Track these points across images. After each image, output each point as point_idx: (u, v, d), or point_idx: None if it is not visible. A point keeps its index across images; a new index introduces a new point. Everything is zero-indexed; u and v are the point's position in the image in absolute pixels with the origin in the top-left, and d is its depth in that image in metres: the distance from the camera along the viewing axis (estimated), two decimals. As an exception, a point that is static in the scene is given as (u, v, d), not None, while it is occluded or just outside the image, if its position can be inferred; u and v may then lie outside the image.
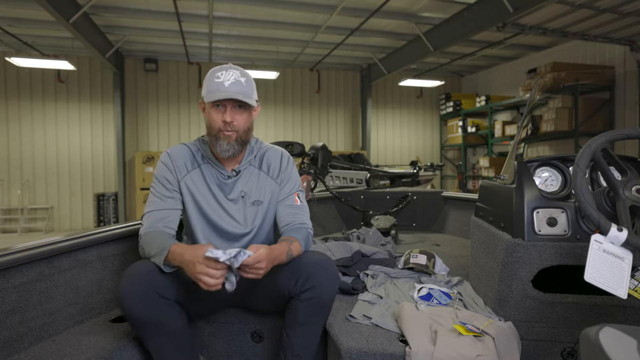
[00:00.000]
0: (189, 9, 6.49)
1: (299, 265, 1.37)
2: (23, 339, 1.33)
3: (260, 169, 1.56)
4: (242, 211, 1.50)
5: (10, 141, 8.60)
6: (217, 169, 1.50)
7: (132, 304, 1.24)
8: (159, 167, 1.48)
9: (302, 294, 1.34)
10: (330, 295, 1.38)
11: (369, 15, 6.64)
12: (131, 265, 1.32)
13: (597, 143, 1.13)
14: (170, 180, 1.47)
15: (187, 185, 1.47)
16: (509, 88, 9.84)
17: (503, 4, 5.62)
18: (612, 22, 6.91)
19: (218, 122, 1.41)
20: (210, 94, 1.39)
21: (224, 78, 1.39)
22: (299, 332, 1.38)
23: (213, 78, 1.40)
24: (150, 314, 1.26)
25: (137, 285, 1.25)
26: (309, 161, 3.27)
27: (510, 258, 1.42)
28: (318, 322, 1.41)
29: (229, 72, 1.40)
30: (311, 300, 1.34)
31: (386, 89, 11.12)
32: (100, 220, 8.88)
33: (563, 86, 7.37)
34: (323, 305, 1.38)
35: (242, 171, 1.52)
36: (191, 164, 1.50)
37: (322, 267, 1.37)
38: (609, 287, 1.03)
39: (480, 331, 1.32)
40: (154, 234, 1.38)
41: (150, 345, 1.33)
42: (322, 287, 1.34)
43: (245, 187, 1.51)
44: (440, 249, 2.70)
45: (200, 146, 1.53)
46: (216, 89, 1.38)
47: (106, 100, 9.06)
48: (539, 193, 1.43)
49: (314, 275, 1.34)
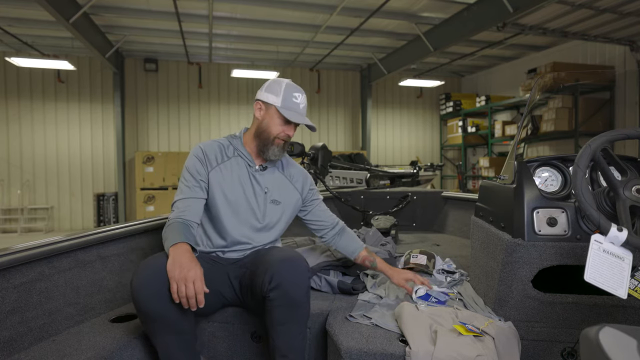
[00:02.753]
0: (189, 9, 6.49)
1: (265, 263, 1.40)
2: (23, 339, 1.33)
3: (283, 173, 1.72)
4: (263, 206, 1.62)
5: (10, 141, 8.60)
6: (247, 161, 1.63)
7: (144, 297, 1.26)
8: (191, 158, 1.59)
9: (270, 292, 1.34)
10: (299, 293, 1.36)
11: (369, 15, 6.64)
12: (147, 259, 1.35)
13: (597, 143, 1.13)
14: (200, 171, 1.56)
15: (216, 177, 1.58)
16: (509, 88, 9.85)
17: (503, 4, 5.62)
18: (612, 22, 6.91)
19: (280, 132, 1.58)
20: (289, 110, 1.56)
21: (300, 100, 1.59)
22: (280, 333, 1.38)
23: (291, 97, 1.57)
24: (161, 309, 1.28)
25: (152, 278, 1.27)
26: (309, 161, 3.27)
27: (510, 258, 1.42)
28: (296, 321, 1.39)
29: (303, 96, 1.61)
30: (280, 300, 1.34)
31: (386, 89, 11.12)
32: (100, 220, 8.88)
33: (563, 86, 7.37)
34: (294, 304, 1.36)
35: (268, 169, 1.67)
36: (221, 157, 1.61)
37: (287, 264, 1.37)
38: (609, 287, 1.03)
39: (480, 331, 1.32)
40: (177, 224, 1.45)
41: (157, 341, 1.33)
42: (288, 285, 1.34)
43: (269, 185, 1.65)
44: (440, 249, 2.70)
45: (231, 141, 1.66)
46: (294, 109, 1.57)
47: (106, 100, 9.06)
48: (539, 193, 1.42)
49: (277, 273, 1.34)
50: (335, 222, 1.80)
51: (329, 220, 1.79)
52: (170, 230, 1.43)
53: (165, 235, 1.44)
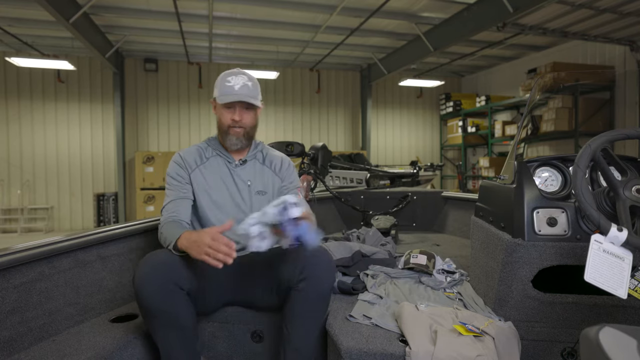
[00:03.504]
0: (189, 9, 6.49)
1: (296, 255, 1.43)
2: (23, 339, 1.33)
3: (263, 163, 1.73)
4: (248, 199, 1.65)
5: (10, 141, 8.60)
6: (226, 159, 1.67)
7: (148, 292, 1.27)
8: (171, 165, 1.65)
9: (299, 283, 1.39)
10: (326, 285, 1.43)
11: (369, 15, 6.64)
12: (148, 255, 1.37)
13: (597, 143, 1.13)
14: (182, 174, 1.62)
15: (197, 178, 1.62)
16: (509, 88, 9.84)
17: (503, 4, 5.61)
18: (612, 22, 6.91)
19: (228, 120, 1.60)
20: (222, 95, 1.58)
21: (234, 82, 1.58)
22: (298, 325, 1.41)
23: (224, 82, 1.59)
24: (164, 304, 1.30)
25: (154, 273, 1.29)
26: (309, 161, 3.27)
27: (510, 258, 1.42)
28: (316, 316, 1.44)
29: (238, 77, 1.59)
30: (307, 291, 1.38)
31: (386, 89, 11.12)
32: (100, 220, 8.88)
33: (563, 86, 7.37)
34: (319, 297, 1.42)
35: (248, 161, 1.69)
36: (200, 159, 1.66)
37: (318, 258, 1.43)
38: (609, 287, 1.03)
39: (480, 331, 1.32)
40: (170, 223, 1.49)
41: (159, 338, 1.34)
42: (317, 277, 1.39)
43: (251, 177, 1.67)
44: (440, 249, 2.70)
45: (209, 143, 1.71)
46: (227, 92, 1.57)
47: (106, 100, 9.06)
48: (539, 193, 1.43)
49: (309, 265, 1.40)
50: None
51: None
52: (167, 230, 1.45)
53: (163, 237, 1.45)
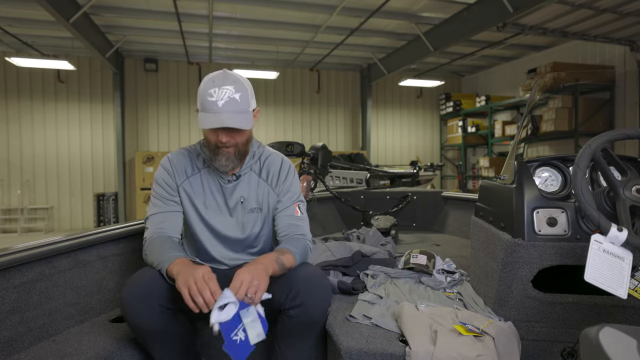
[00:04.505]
0: (189, 9, 6.49)
1: (290, 278, 1.29)
2: (23, 339, 1.33)
3: (259, 175, 1.51)
4: (241, 217, 1.48)
5: (10, 141, 8.60)
6: (218, 173, 1.46)
7: (134, 314, 1.22)
8: (159, 171, 1.47)
9: (291, 310, 1.26)
10: (320, 312, 1.30)
11: (369, 15, 6.64)
12: (135, 274, 1.29)
13: (597, 143, 1.13)
14: (170, 184, 1.45)
15: (186, 191, 1.45)
16: (509, 88, 9.84)
17: (503, 4, 5.61)
18: (612, 22, 6.91)
19: (215, 140, 1.35)
20: (203, 114, 1.29)
21: (217, 97, 1.27)
22: (290, 345, 1.34)
23: (206, 95, 1.28)
24: (152, 324, 1.24)
25: (140, 294, 1.22)
26: (309, 161, 3.27)
27: (510, 258, 1.42)
28: (309, 336, 1.35)
29: (222, 90, 1.28)
30: (299, 318, 1.27)
31: (386, 89, 11.12)
32: (100, 220, 8.88)
33: (563, 86, 7.37)
34: (312, 323, 1.31)
35: (242, 176, 1.48)
36: (191, 169, 1.47)
37: (314, 283, 1.29)
38: (609, 287, 1.03)
39: (480, 331, 1.32)
40: (158, 241, 1.35)
41: (153, 350, 1.32)
42: (311, 305, 1.26)
43: (245, 193, 1.48)
44: (440, 249, 2.70)
45: (201, 150, 1.48)
46: (209, 110, 1.28)
47: (106, 100, 9.06)
48: (539, 193, 1.42)
49: (303, 291, 1.26)
50: (292, 233, 1.47)
51: (287, 230, 1.48)
52: (155, 249, 1.31)
53: (150, 259, 1.31)
